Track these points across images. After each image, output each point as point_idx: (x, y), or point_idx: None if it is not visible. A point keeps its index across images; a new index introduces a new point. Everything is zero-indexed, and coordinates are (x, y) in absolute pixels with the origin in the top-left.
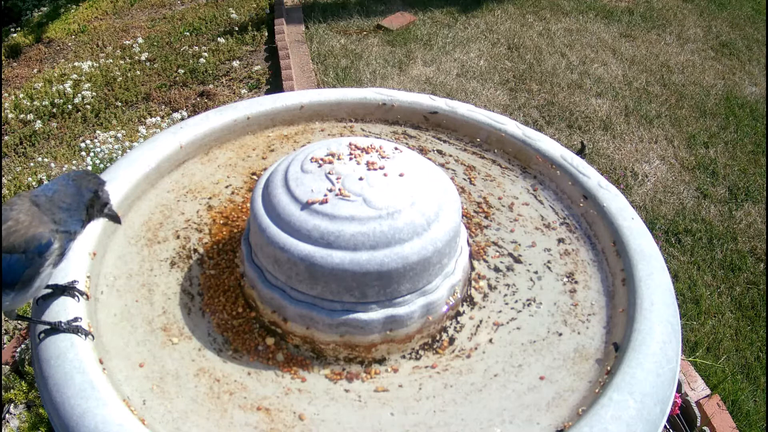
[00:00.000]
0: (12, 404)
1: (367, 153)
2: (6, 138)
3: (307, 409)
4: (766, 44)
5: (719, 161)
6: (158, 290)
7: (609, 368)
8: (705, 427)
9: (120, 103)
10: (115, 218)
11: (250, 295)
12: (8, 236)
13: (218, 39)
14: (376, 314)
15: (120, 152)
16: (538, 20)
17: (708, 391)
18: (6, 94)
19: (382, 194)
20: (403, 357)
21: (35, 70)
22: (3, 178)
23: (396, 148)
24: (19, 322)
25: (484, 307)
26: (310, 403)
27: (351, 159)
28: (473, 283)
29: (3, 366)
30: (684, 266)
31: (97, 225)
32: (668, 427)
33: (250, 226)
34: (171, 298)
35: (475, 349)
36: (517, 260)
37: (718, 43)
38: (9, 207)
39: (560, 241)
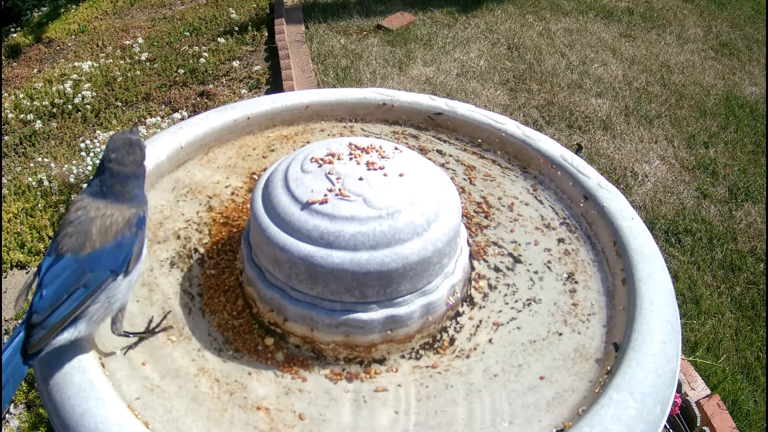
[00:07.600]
0: (12, 404)
1: (367, 153)
2: (6, 138)
3: (308, 409)
4: (766, 44)
5: (719, 161)
6: (158, 290)
7: (609, 368)
8: (705, 427)
9: (120, 103)
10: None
11: (250, 295)
12: (110, 229)
13: (218, 39)
14: (376, 314)
15: None
16: (538, 20)
17: (708, 391)
18: (6, 94)
19: (382, 194)
20: (403, 357)
21: (35, 70)
22: (3, 178)
23: (396, 148)
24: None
25: (484, 307)
26: (310, 403)
27: (351, 159)
28: (473, 282)
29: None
30: (684, 266)
31: None
32: (668, 427)
33: (250, 226)
34: (171, 298)
35: (475, 349)
36: (517, 260)
37: (718, 43)
38: (83, 212)
39: (560, 241)
